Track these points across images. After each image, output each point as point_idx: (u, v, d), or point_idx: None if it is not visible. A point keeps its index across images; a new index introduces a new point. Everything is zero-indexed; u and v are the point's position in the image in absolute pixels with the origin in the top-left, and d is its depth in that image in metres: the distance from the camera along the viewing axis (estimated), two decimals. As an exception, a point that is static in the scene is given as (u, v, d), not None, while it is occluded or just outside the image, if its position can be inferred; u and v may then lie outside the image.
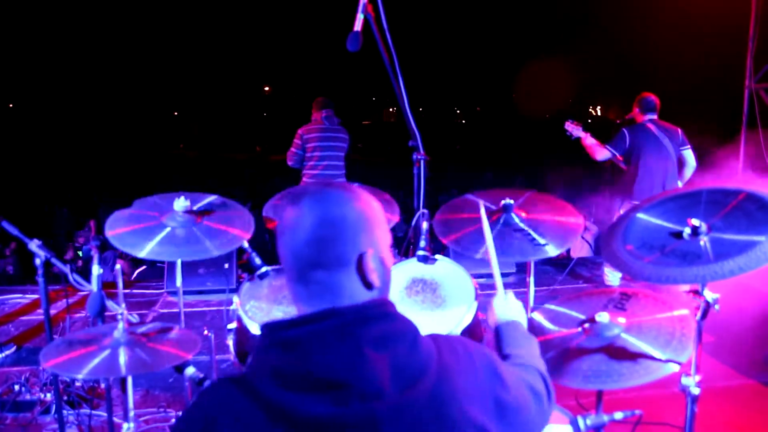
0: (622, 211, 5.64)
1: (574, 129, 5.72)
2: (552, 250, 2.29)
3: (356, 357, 1.05)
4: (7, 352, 4.42)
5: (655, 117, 5.55)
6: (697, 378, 2.06)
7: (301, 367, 1.04)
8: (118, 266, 2.39)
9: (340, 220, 1.12)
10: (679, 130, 5.53)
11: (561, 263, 6.85)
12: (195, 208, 2.43)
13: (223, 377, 1.11)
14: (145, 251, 2.30)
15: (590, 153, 5.71)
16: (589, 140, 5.66)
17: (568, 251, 9.49)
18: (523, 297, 2.66)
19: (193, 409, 1.09)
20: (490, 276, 2.00)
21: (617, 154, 5.57)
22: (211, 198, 2.55)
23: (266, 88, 47.54)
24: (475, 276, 2.40)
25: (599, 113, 39.56)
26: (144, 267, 7.10)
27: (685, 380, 2.07)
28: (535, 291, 5.57)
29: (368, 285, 1.14)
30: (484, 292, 2.06)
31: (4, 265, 8.42)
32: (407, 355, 1.09)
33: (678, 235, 1.87)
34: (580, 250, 8.09)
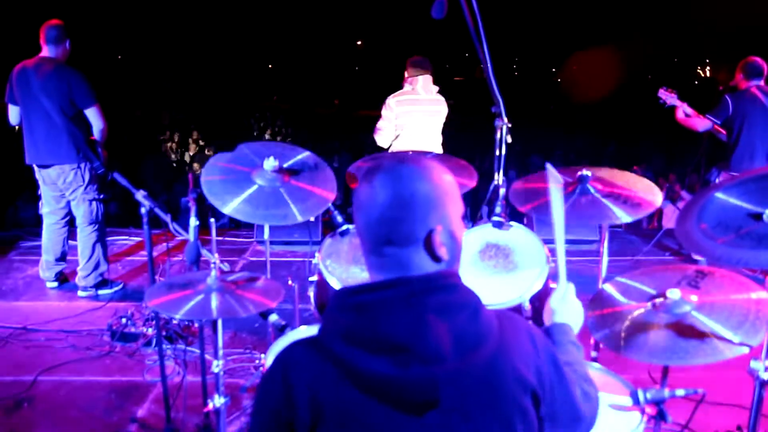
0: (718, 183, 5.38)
1: (668, 97, 5.41)
2: (624, 217, 2.29)
3: (419, 323, 1.13)
4: (116, 288, 4.87)
5: (761, 82, 5.18)
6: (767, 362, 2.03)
7: (369, 330, 1.13)
8: (212, 220, 2.60)
9: (410, 199, 1.18)
10: None
11: (649, 234, 6.66)
12: (285, 165, 2.56)
13: (298, 340, 1.23)
14: (229, 207, 2.41)
15: (687, 125, 5.39)
16: (684, 110, 5.36)
17: (660, 222, 9.18)
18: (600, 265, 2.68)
19: (272, 368, 1.21)
20: (570, 242, 2.01)
21: (717, 123, 5.25)
22: (303, 155, 2.66)
23: (359, 43, 47.58)
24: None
25: (708, 74, 37.00)
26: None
27: (754, 364, 2.05)
28: (619, 261, 5.51)
29: (437, 259, 1.21)
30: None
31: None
32: (468, 324, 1.17)
33: (757, 216, 1.83)
34: (672, 219, 7.80)
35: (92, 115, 4.51)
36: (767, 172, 1.98)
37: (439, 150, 5.00)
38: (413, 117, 4.92)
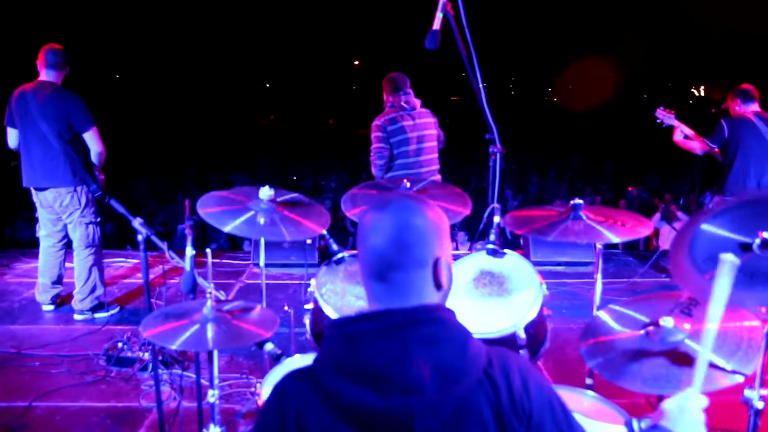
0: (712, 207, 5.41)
1: (665, 117, 5.45)
2: (614, 238, 2.32)
3: (401, 354, 1.17)
4: (113, 312, 4.86)
5: (757, 108, 5.24)
6: (762, 392, 2.04)
7: (355, 360, 1.18)
8: (208, 250, 2.62)
9: (421, 227, 1.25)
10: None
11: (646, 255, 6.68)
12: (279, 200, 2.64)
13: (293, 371, 1.27)
14: (229, 227, 2.58)
15: (685, 147, 5.43)
16: (682, 131, 5.40)
17: (657, 242, 9.20)
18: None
19: (269, 400, 1.27)
20: (566, 264, 2.02)
21: (714, 147, 5.30)
22: (294, 194, 2.77)
23: (356, 63, 47.93)
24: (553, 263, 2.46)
25: (702, 94, 37.32)
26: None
27: (748, 393, 2.05)
28: (615, 283, 5.53)
29: (439, 285, 1.27)
30: (550, 281, 2.11)
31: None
32: (453, 357, 1.19)
33: (746, 247, 1.85)
34: (668, 240, 7.83)
35: (90, 138, 4.54)
36: (748, 198, 1.99)
37: (437, 164, 4.85)
38: (409, 136, 4.68)
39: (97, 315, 4.79)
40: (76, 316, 4.77)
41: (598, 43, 31.80)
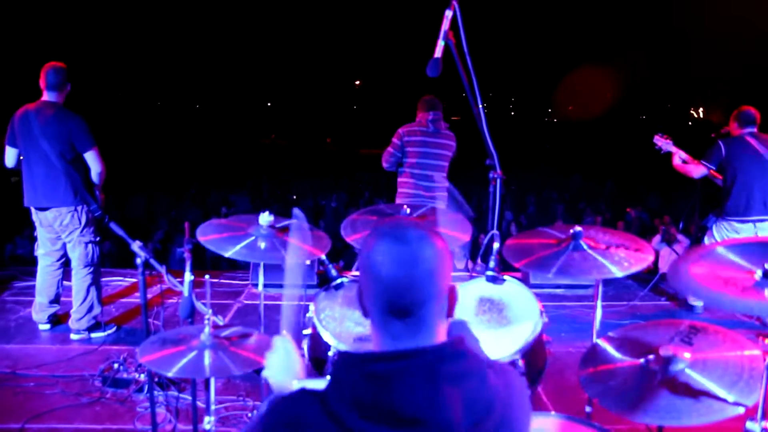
0: (714, 230, 5.39)
1: (663, 143, 5.48)
2: (616, 272, 2.31)
3: (434, 395, 1.13)
4: (110, 332, 4.83)
5: (754, 130, 5.24)
6: (764, 423, 2.01)
7: (384, 401, 1.13)
8: (207, 276, 2.61)
9: (439, 257, 1.23)
10: None
11: (646, 278, 6.66)
12: (278, 226, 2.65)
13: (304, 390, 1.21)
14: (230, 252, 2.64)
15: (683, 171, 5.44)
16: (680, 156, 5.42)
17: (655, 264, 9.18)
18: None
19: (271, 413, 1.19)
20: (565, 286, 2.02)
21: (712, 167, 5.31)
22: (294, 221, 2.77)
23: (357, 82, 48.29)
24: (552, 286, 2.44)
25: (701, 116, 37.52)
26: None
27: (750, 425, 2.03)
28: (615, 306, 5.51)
29: (450, 314, 1.27)
30: (549, 303, 2.09)
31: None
32: (477, 391, 1.18)
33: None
34: (668, 262, 7.81)
35: (91, 158, 4.55)
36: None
37: (445, 187, 5.29)
38: (420, 149, 5.15)
39: (93, 335, 4.75)
40: (73, 336, 4.74)
41: (597, 63, 32.08)
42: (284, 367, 1.54)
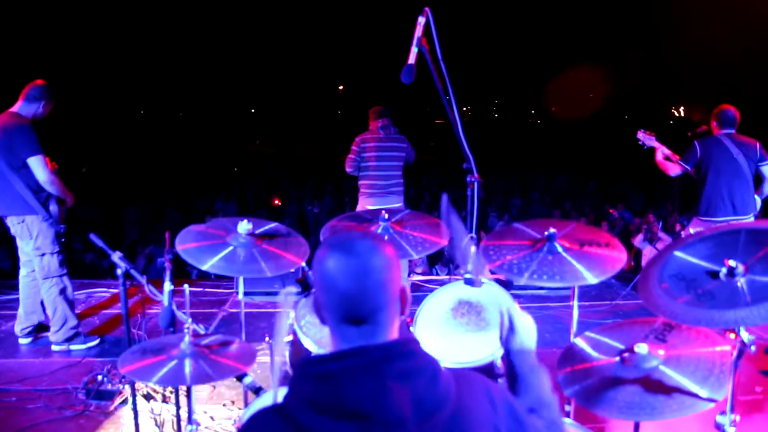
0: (690, 228, 5.48)
1: (646, 138, 5.52)
2: (591, 279, 2.34)
3: (380, 391, 1.18)
4: (92, 344, 4.78)
5: (732, 131, 5.25)
6: (732, 417, 2.06)
7: (333, 397, 1.18)
8: (186, 286, 2.62)
9: (387, 265, 1.28)
10: (758, 144, 5.18)
11: (628, 277, 6.73)
12: (257, 232, 2.65)
13: (264, 408, 1.27)
14: (207, 265, 2.60)
15: (663, 168, 5.51)
16: (662, 152, 5.48)
17: (637, 262, 9.27)
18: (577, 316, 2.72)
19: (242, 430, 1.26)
20: (548, 288, 2.05)
21: (688, 168, 5.38)
22: (273, 225, 2.78)
23: (340, 87, 48.33)
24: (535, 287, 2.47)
25: (682, 114, 37.93)
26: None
27: (720, 418, 2.08)
28: (597, 305, 5.56)
29: (402, 313, 1.32)
30: (532, 305, 2.12)
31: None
32: (427, 389, 1.22)
33: (714, 275, 1.89)
34: (650, 261, 7.87)
35: (33, 165, 4.37)
36: (724, 229, 2.04)
37: (401, 182, 6.07)
38: (376, 153, 5.94)
39: (72, 347, 4.70)
40: (54, 347, 4.70)
41: (579, 64, 32.36)
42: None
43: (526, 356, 1.66)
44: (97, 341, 4.83)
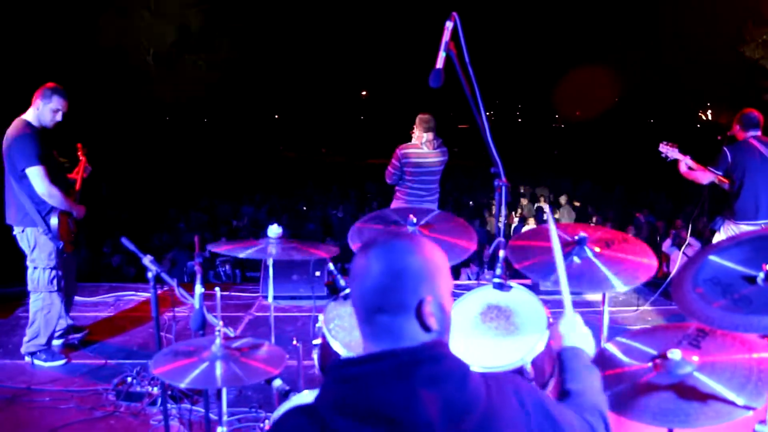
0: (722, 231, 5.40)
1: (669, 151, 5.49)
2: (619, 286, 2.31)
3: (409, 395, 1.18)
4: (56, 363, 4.59)
5: (758, 133, 5.25)
6: (773, 425, 2.01)
7: (362, 401, 1.19)
8: (217, 289, 2.65)
9: (403, 270, 1.27)
10: None
11: (656, 282, 6.63)
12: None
13: (297, 406, 1.28)
14: (244, 254, 2.81)
15: (691, 178, 5.46)
16: (686, 163, 5.43)
17: (667, 268, 9.14)
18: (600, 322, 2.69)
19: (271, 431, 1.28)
20: (574, 293, 2.02)
21: (719, 173, 5.33)
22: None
23: (363, 93, 48.47)
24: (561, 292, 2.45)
25: (709, 118, 37.32)
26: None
27: (759, 428, 2.03)
28: (624, 311, 5.49)
29: (426, 328, 1.28)
30: (559, 310, 2.10)
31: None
32: (456, 393, 1.22)
33: (751, 279, 1.86)
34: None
35: (31, 176, 4.23)
36: (761, 233, 2.00)
37: (437, 195, 5.94)
38: (415, 169, 5.73)
39: (36, 361, 4.55)
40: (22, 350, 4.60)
41: (603, 67, 32.05)
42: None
43: (580, 354, 1.70)
44: (63, 361, 4.61)
